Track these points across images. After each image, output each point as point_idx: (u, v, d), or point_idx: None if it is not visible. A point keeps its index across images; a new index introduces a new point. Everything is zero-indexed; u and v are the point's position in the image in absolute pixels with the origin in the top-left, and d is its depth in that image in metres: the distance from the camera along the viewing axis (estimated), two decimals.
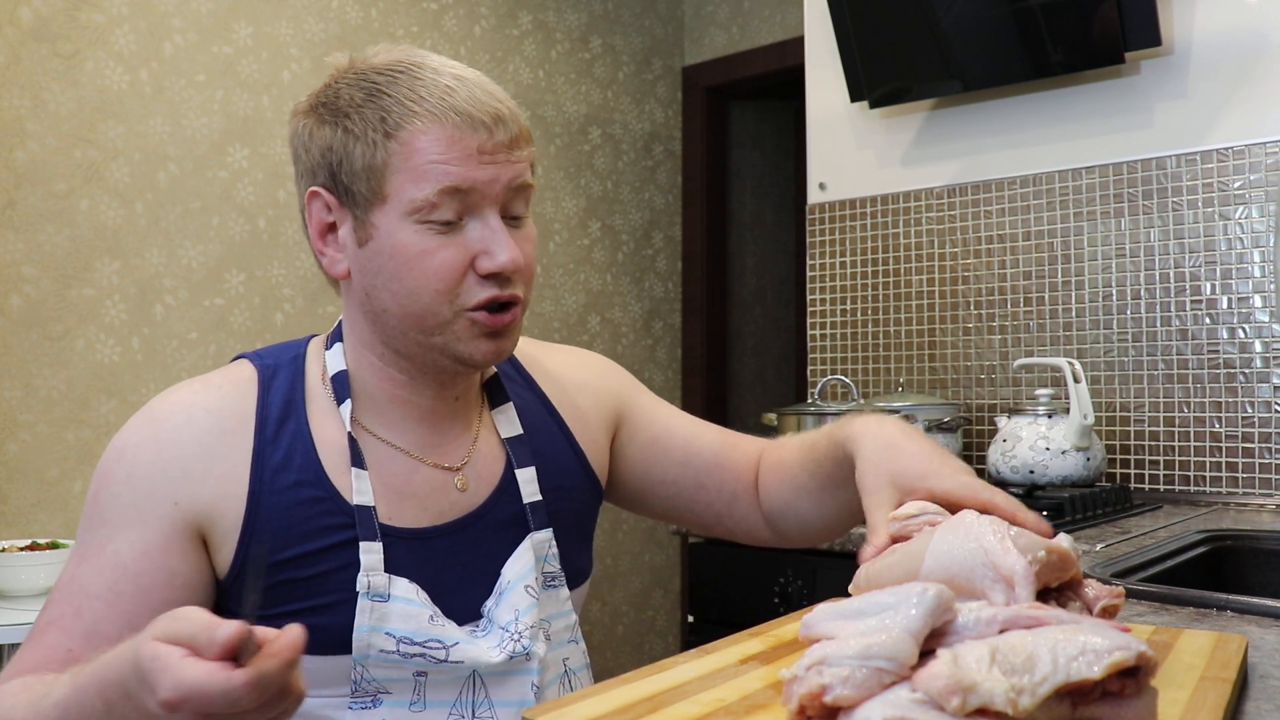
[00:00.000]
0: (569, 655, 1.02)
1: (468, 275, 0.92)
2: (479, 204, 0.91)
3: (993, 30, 2.17)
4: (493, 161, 0.91)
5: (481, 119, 0.91)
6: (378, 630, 0.90)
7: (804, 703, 0.53)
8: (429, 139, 0.89)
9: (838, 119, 2.55)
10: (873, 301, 2.49)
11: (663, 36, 3.90)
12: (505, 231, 0.92)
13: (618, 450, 1.15)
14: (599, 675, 1.00)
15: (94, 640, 0.88)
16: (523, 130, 0.95)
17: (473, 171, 0.90)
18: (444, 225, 0.91)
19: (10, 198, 2.31)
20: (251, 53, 2.72)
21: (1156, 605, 1.00)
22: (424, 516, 0.97)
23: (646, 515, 1.22)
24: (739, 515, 1.16)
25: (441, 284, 0.91)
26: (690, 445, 1.15)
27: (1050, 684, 0.50)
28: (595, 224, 3.63)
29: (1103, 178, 2.15)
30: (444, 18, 3.17)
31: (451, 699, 0.93)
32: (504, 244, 0.91)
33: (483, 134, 0.91)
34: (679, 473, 1.15)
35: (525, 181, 0.94)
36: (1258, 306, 1.97)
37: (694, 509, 1.16)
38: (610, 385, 1.16)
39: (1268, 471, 1.93)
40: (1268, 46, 1.97)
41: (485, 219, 0.92)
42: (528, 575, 0.98)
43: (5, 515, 2.29)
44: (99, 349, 2.43)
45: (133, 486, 0.90)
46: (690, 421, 1.19)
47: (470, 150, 0.90)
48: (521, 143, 0.94)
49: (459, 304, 0.92)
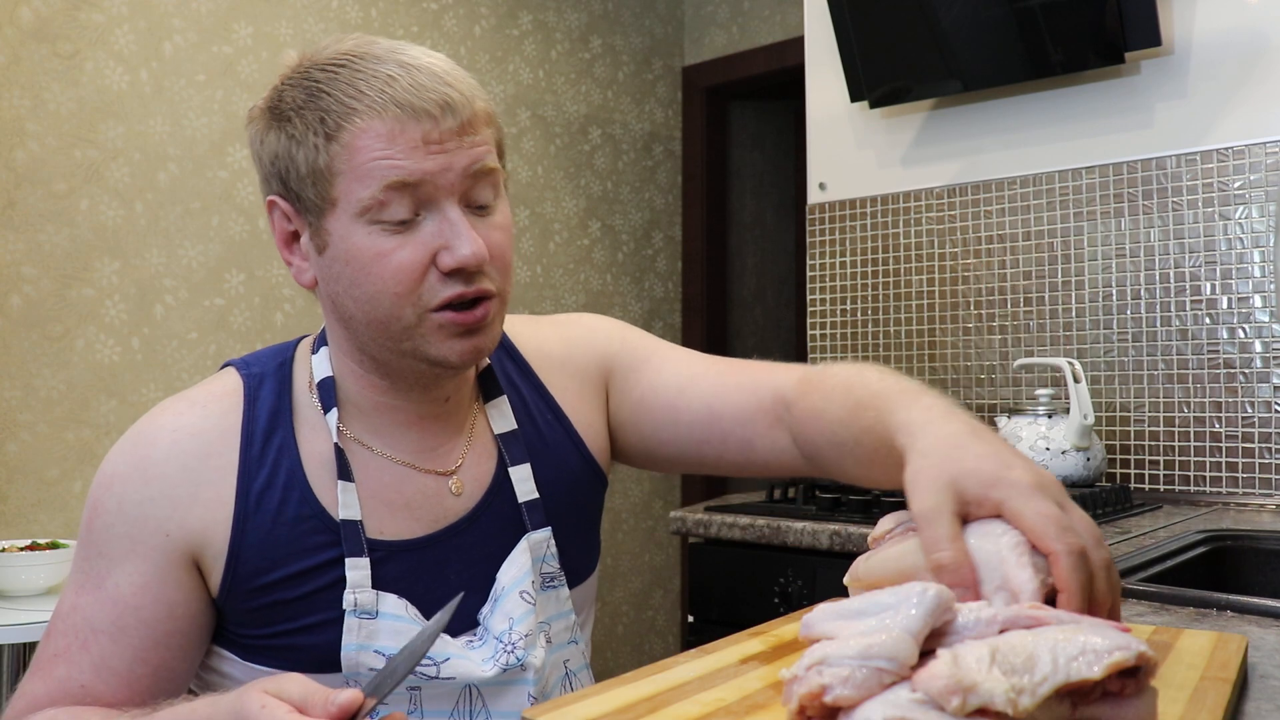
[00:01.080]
0: (569, 657, 1.00)
1: (429, 274, 0.86)
2: (433, 197, 0.86)
3: (993, 30, 2.17)
4: (441, 150, 0.85)
5: (424, 107, 0.85)
6: (366, 649, 0.88)
7: (804, 703, 0.53)
8: (369, 136, 0.84)
9: (838, 119, 2.55)
10: (873, 301, 2.49)
11: (663, 36, 3.90)
12: (466, 223, 0.86)
13: (611, 416, 1.09)
14: (599, 675, 0.99)
15: (104, 674, 0.88)
16: (479, 112, 0.88)
17: (420, 163, 0.85)
18: (398, 224, 0.86)
19: (10, 198, 2.31)
20: (251, 53, 2.72)
21: (1156, 605, 1.00)
22: (417, 526, 0.94)
23: (664, 471, 1.12)
24: (760, 459, 1.02)
25: (400, 286, 0.86)
26: (678, 401, 1.04)
27: (1050, 684, 0.50)
28: (595, 224, 3.63)
29: (1103, 178, 2.15)
30: (444, 18, 3.17)
31: (449, 709, 0.91)
32: (464, 236, 0.86)
33: (427, 123, 0.85)
34: (672, 432, 1.05)
35: (484, 166, 0.88)
36: (1258, 306, 1.97)
37: (707, 462, 1.05)
38: (592, 353, 1.09)
39: (1268, 471, 1.93)
40: (1268, 46, 1.97)
41: (443, 212, 0.86)
42: (523, 580, 0.95)
43: (5, 515, 2.29)
44: (99, 349, 2.43)
45: (124, 517, 0.89)
46: (681, 371, 1.06)
47: (415, 141, 0.85)
48: (477, 126, 0.88)
49: (423, 305, 0.87)
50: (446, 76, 0.87)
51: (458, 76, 0.89)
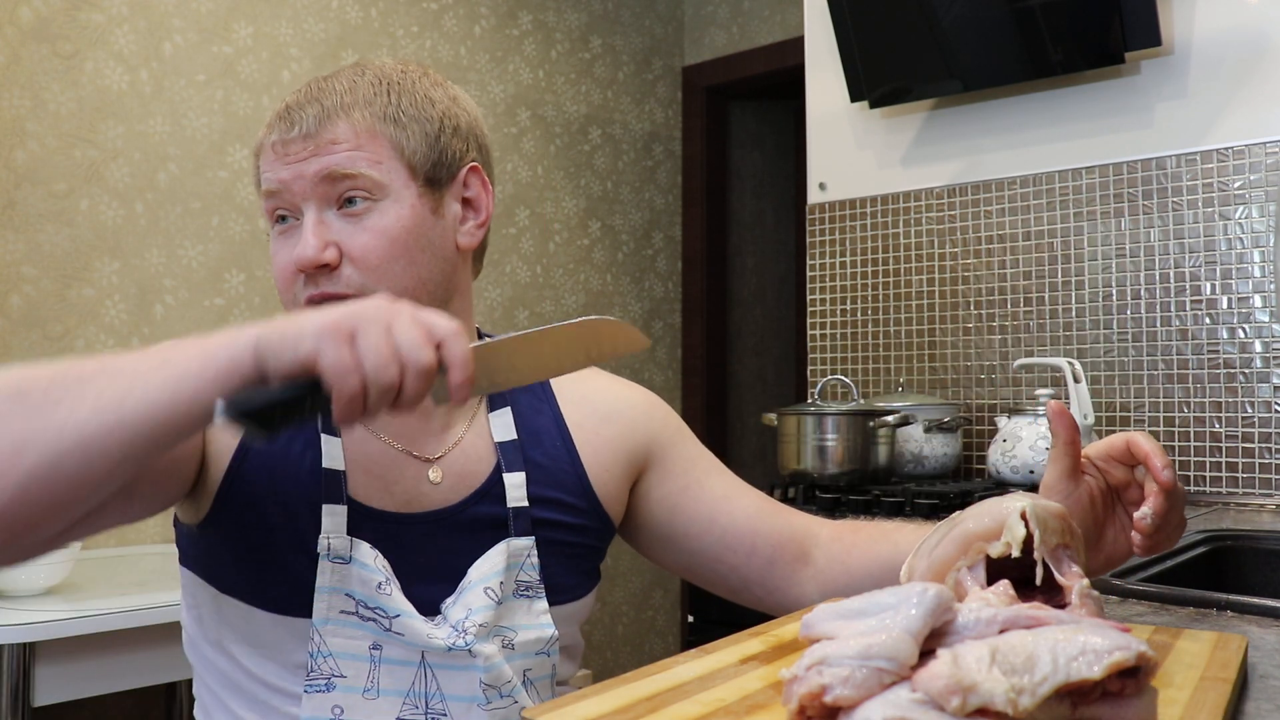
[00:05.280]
0: (531, 666, 0.97)
1: (299, 275, 0.92)
2: (296, 203, 0.92)
3: (993, 30, 2.17)
4: (291, 159, 0.91)
5: (282, 118, 0.92)
6: (337, 591, 0.90)
7: (804, 703, 0.53)
8: (262, 151, 0.94)
9: (838, 119, 2.55)
10: (873, 301, 2.49)
11: (663, 36, 3.90)
12: (312, 226, 0.91)
13: (642, 492, 1.09)
14: (599, 675, 0.99)
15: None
16: (335, 123, 0.91)
17: (277, 172, 0.92)
18: (282, 228, 0.94)
19: (10, 198, 2.31)
20: (251, 53, 2.72)
21: (1156, 605, 1.00)
22: (390, 501, 0.95)
23: (669, 569, 1.13)
24: (774, 584, 1.06)
25: (280, 284, 0.93)
26: (722, 504, 1.07)
27: (1050, 684, 0.50)
28: (595, 224, 3.63)
29: (1103, 178, 2.15)
30: (444, 18, 3.17)
31: (405, 688, 0.91)
32: (304, 239, 0.90)
33: (276, 133, 0.92)
34: (704, 528, 1.07)
35: (335, 171, 0.91)
36: (1258, 306, 1.97)
37: (718, 570, 1.08)
38: (647, 424, 1.09)
39: (1268, 471, 1.93)
40: (1268, 46, 1.97)
41: (305, 216, 0.92)
42: (492, 578, 0.94)
43: None
44: (99, 349, 2.43)
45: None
46: (732, 482, 1.10)
47: (272, 152, 0.93)
48: (332, 133, 0.91)
49: (298, 303, 0.93)
50: (324, 88, 0.93)
51: (341, 91, 0.93)
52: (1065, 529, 0.71)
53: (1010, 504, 0.70)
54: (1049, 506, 0.71)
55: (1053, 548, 0.70)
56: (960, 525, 0.71)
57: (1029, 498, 0.71)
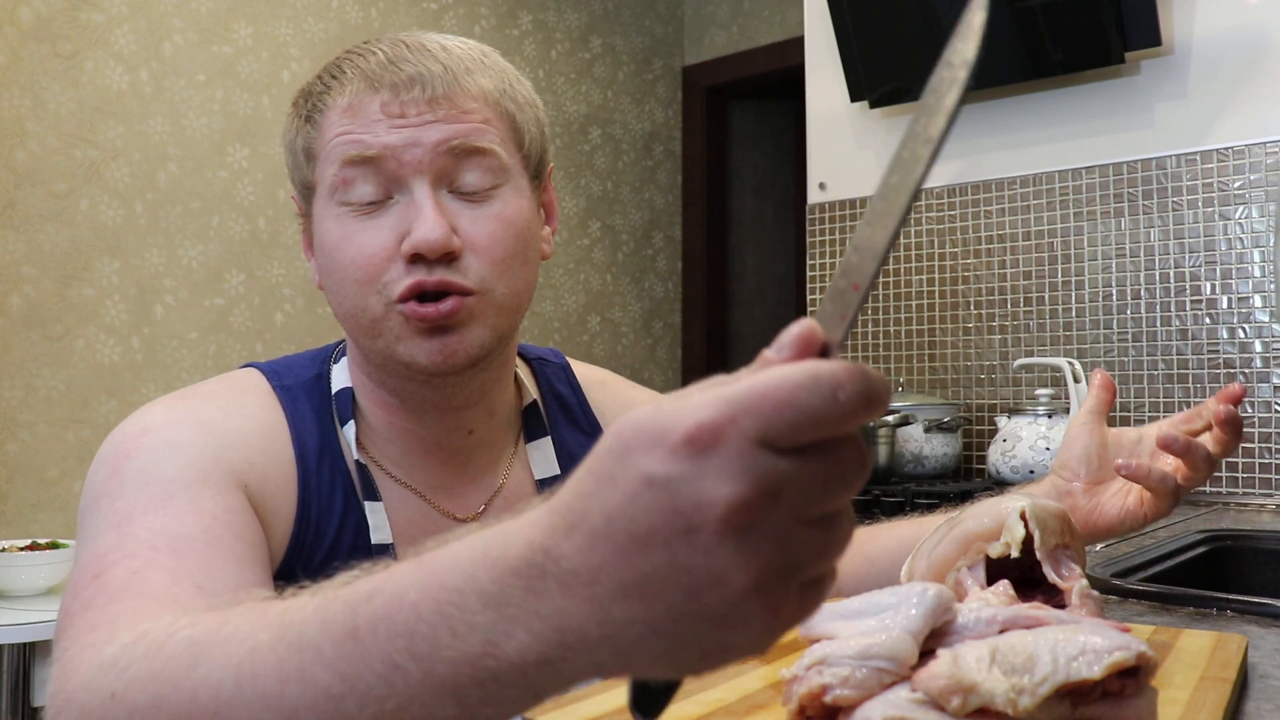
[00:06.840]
0: None
1: (395, 261, 0.77)
2: (401, 175, 0.77)
3: (992, 30, 2.16)
4: (406, 124, 0.77)
5: (390, 79, 0.77)
6: None
7: (804, 703, 0.53)
8: (335, 113, 0.78)
9: (838, 119, 2.55)
10: (872, 301, 2.49)
11: (663, 36, 3.90)
12: (434, 204, 0.77)
13: None
14: None
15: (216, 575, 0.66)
16: (466, 89, 0.79)
17: (381, 136, 0.76)
18: (366, 206, 0.78)
19: (10, 198, 2.31)
20: (251, 53, 2.72)
21: (1156, 605, 1.00)
22: None
23: None
24: None
25: (360, 272, 0.77)
26: None
27: (1050, 684, 0.50)
28: (595, 224, 3.63)
29: (1103, 178, 2.15)
30: (444, 17, 3.17)
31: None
32: (426, 218, 0.76)
33: (386, 94, 0.77)
34: None
35: (468, 145, 0.78)
36: (1258, 306, 1.97)
37: None
38: None
39: (1268, 471, 1.93)
40: (1268, 46, 1.97)
41: (412, 192, 0.77)
42: None
43: (5, 515, 2.29)
44: (99, 349, 2.43)
45: (181, 452, 0.74)
46: None
47: (375, 114, 0.77)
48: (460, 101, 0.78)
49: (387, 295, 0.77)
50: (437, 52, 0.80)
51: (460, 55, 0.81)
52: (1065, 529, 0.71)
53: (1010, 504, 0.70)
54: (1048, 506, 0.71)
55: (1052, 548, 0.70)
56: (960, 525, 0.71)
57: (1028, 498, 0.71)
